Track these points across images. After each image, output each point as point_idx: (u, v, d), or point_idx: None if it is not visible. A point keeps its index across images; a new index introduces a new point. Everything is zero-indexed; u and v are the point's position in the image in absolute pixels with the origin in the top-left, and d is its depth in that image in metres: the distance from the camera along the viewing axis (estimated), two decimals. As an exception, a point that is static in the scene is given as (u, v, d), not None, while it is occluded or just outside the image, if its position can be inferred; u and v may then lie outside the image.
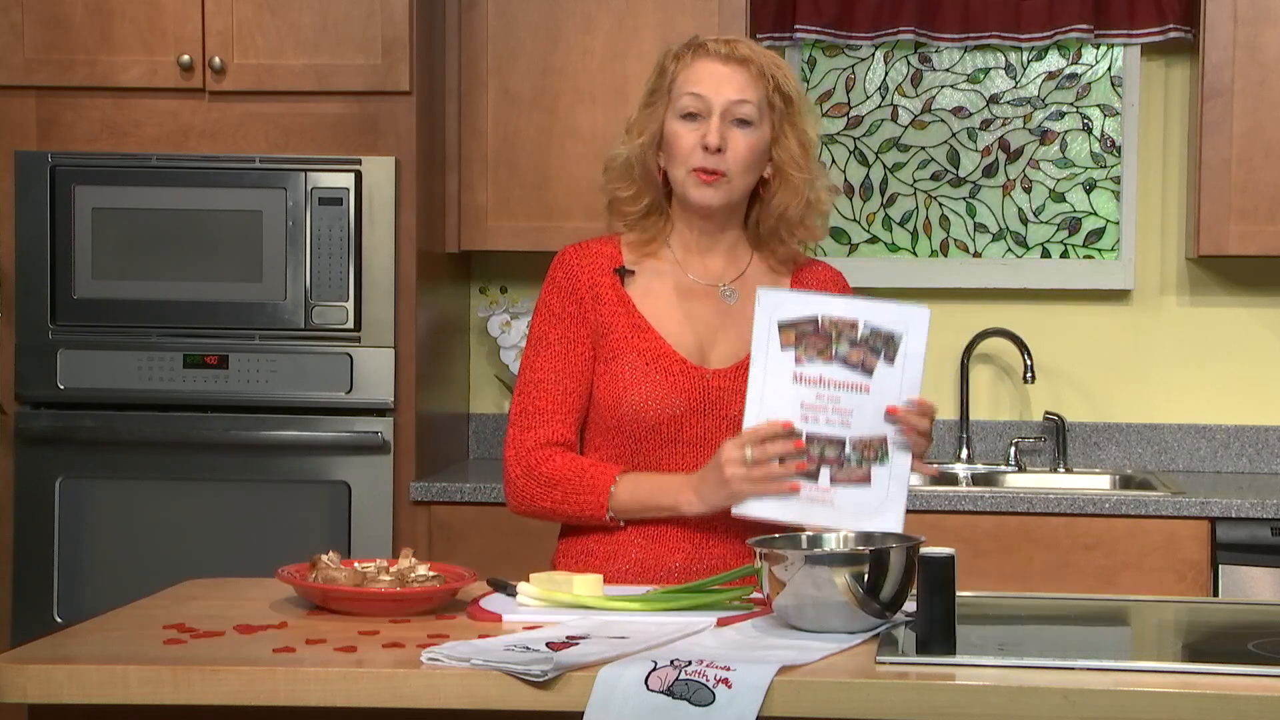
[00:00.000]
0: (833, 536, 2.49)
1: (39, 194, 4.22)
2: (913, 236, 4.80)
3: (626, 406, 2.78)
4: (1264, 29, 4.35)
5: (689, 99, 2.79)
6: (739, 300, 2.85)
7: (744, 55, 2.79)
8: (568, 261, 2.87)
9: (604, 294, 2.83)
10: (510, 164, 4.48)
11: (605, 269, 2.85)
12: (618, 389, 2.79)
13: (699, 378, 2.79)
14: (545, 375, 2.82)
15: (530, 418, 2.81)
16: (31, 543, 4.24)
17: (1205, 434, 4.69)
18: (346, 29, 4.23)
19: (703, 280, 2.86)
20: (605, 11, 4.46)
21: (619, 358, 2.80)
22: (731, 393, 2.78)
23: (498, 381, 4.81)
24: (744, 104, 2.78)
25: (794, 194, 2.83)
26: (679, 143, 2.79)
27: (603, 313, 2.82)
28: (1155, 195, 4.72)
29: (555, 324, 2.84)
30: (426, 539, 4.24)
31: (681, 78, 2.81)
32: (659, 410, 2.77)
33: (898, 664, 2.18)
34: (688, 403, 2.78)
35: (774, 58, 2.83)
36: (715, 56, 2.80)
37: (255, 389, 4.21)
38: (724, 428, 2.78)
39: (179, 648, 2.26)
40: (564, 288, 2.85)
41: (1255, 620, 2.56)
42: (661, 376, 2.78)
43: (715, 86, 2.78)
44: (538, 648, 2.21)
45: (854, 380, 2.62)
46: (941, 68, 4.77)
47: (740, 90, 2.78)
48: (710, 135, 2.76)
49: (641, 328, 2.81)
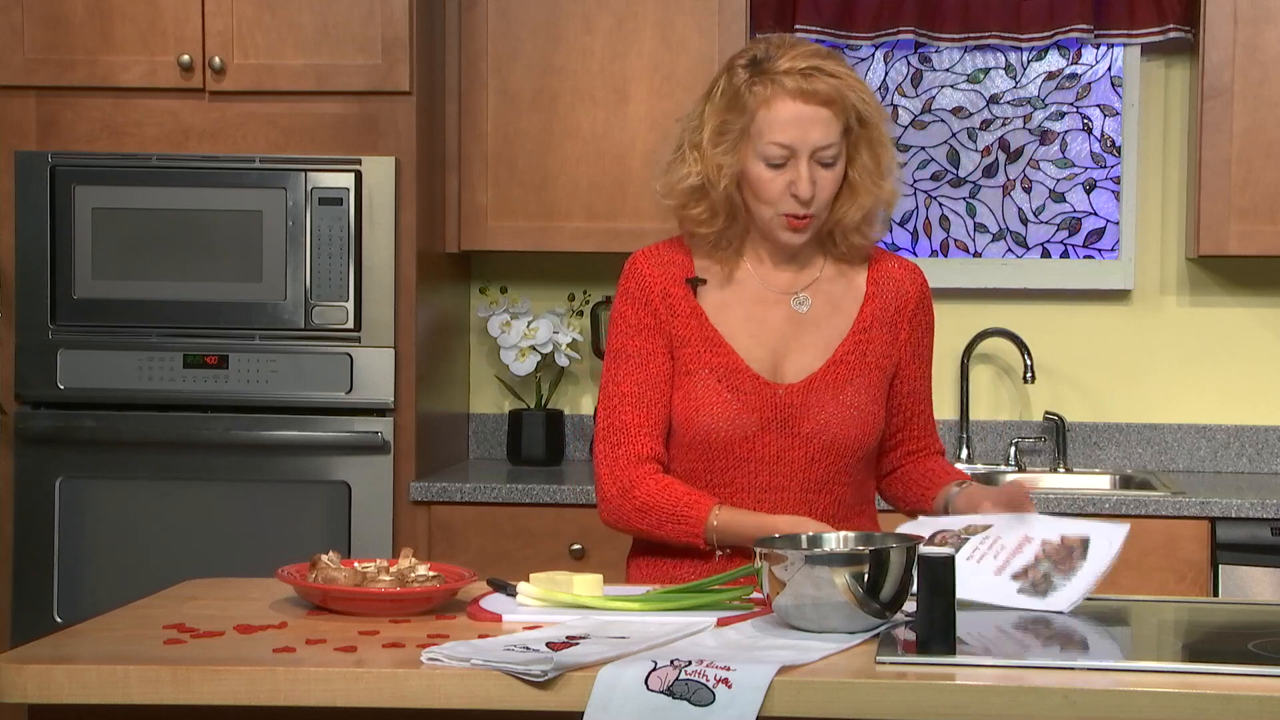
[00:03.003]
0: (833, 536, 2.49)
1: (39, 194, 4.22)
2: (913, 236, 4.80)
3: (700, 425, 2.78)
4: (1264, 29, 4.35)
5: (775, 149, 2.73)
6: (811, 308, 2.84)
7: (825, 96, 2.71)
8: (639, 270, 2.85)
9: (677, 305, 2.82)
10: (510, 164, 4.48)
11: (677, 278, 2.84)
12: (691, 407, 2.78)
13: (771, 394, 2.78)
14: (629, 389, 2.81)
15: (619, 434, 2.80)
16: (31, 543, 4.24)
17: (1205, 434, 4.69)
18: (346, 29, 4.23)
19: (774, 289, 2.85)
20: (605, 11, 4.46)
21: (693, 374, 2.79)
22: (803, 408, 2.78)
23: (498, 381, 4.81)
24: (829, 148, 2.74)
25: (857, 206, 2.81)
26: (768, 188, 2.75)
27: (677, 325, 2.82)
28: (1155, 195, 4.72)
29: (633, 336, 2.82)
30: (426, 539, 4.24)
31: (763, 118, 2.73)
32: (732, 430, 2.78)
33: (898, 664, 2.18)
34: (760, 421, 2.78)
35: (852, 82, 2.75)
36: (796, 95, 2.71)
37: (255, 389, 4.21)
38: (796, 445, 2.78)
39: (179, 648, 2.26)
40: (638, 299, 2.83)
41: (1255, 620, 2.55)
42: (734, 395, 2.77)
43: (801, 133, 2.72)
44: (538, 648, 2.21)
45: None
46: (941, 68, 4.77)
47: (826, 134, 2.73)
48: (802, 186, 2.72)
49: (715, 342, 2.80)
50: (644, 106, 4.45)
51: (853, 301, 2.87)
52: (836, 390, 2.80)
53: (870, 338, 2.85)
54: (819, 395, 2.79)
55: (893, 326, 2.87)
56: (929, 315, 2.93)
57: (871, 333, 2.85)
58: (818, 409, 2.78)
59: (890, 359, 2.86)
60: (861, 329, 2.85)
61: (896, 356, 2.87)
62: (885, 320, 2.87)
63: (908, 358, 2.89)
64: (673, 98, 4.42)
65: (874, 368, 2.84)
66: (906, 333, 2.88)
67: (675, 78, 4.44)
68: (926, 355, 2.93)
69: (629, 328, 2.83)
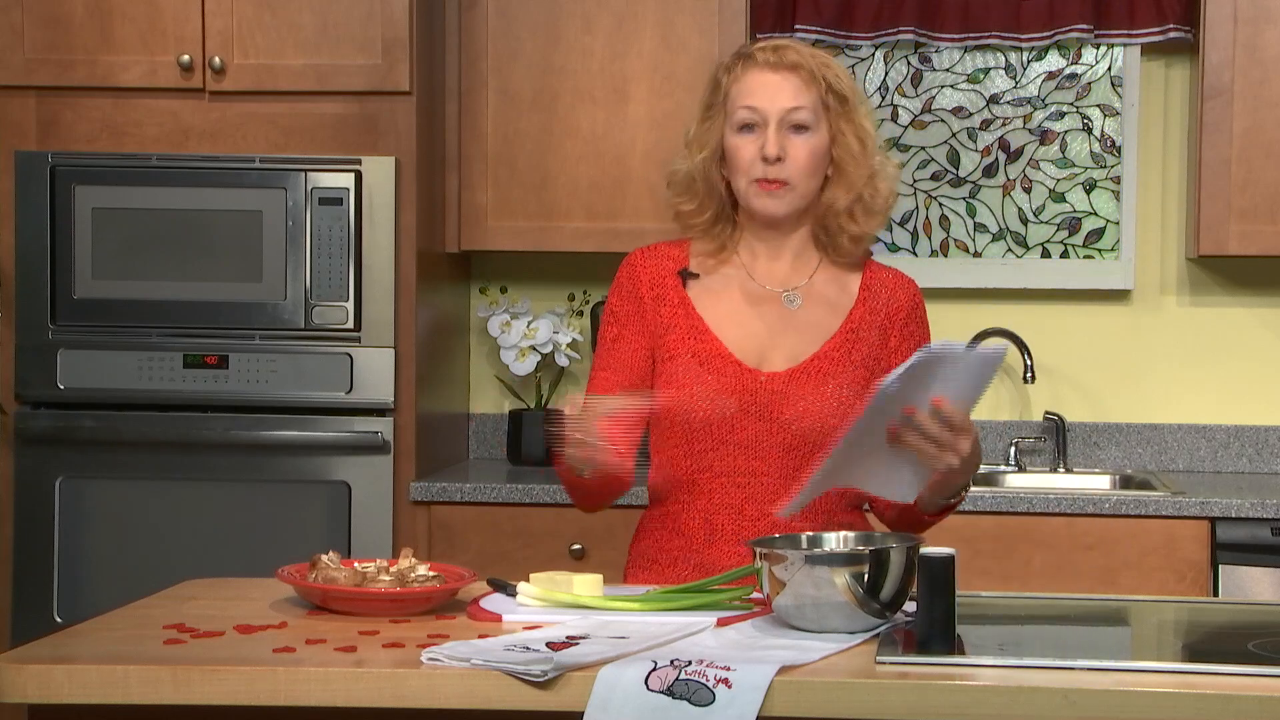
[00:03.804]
0: (833, 536, 2.49)
1: (39, 194, 4.22)
2: (913, 236, 4.80)
3: (680, 407, 2.80)
4: (1264, 29, 4.35)
5: (744, 112, 2.81)
6: (801, 306, 2.87)
7: (793, 61, 2.82)
8: (632, 263, 2.92)
9: (666, 295, 2.87)
10: (510, 164, 4.48)
11: (670, 270, 2.89)
12: (671, 389, 2.81)
13: (752, 379, 2.80)
14: (596, 373, 2.89)
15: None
16: (31, 543, 4.24)
17: (1205, 434, 4.69)
18: (346, 29, 4.23)
19: (768, 285, 2.88)
20: (605, 11, 4.46)
21: (674, 358, 2.83)
22: (784, 395, 2.80)
23: (498, 381, 4.81)
24: (799, 110, 2.80)
25: (847, 189, 2.85)
26: (739, 155, 2.82)
27: (663, 314, 2.86)
28: (1155, 195, 4.72)
29: (612, 323, 2.89)
30: (426, 539, 4.24)
31: (734, 90, 2.83)
32: (710, 410, 2.79)
33: (898, 664, 2.18)
34: (740, 404, 2.79)
35: (824, 58, 2.85)
36: (765, 66, 2.82)
37: (255, 389, 4.21)
38: (776, 430, 2.79)
39: (179, 648, 2.26)
40: (625, 289, 2.90)
41: (1255, 620, 2.56)
42: (714, 377, 2.80)
43: (769, 96, 2.81)
44: (538, 648, 2.21)
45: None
46: (941, 68, 4.77)
47: (794, 97, 2.81)
48: (769, 145, 2.79)
49: (699, 330, 2.83)
50: (644, 106, 4.45)
51: (844, 304, 2.89)
52: (819, 382, 2.81)
53: (859, 338, 2.86)
54: (800, 385, 2.80)
55: (883, 331, 2.88)
56: (921, 327, 2.93)
57: (860, 334, 2.86)
58: (798, 397, 2.79)
59: (878, 362, 2.86)
60: (850, 329, 2.86)
61: (885, 362, 2.87)
62: (875, 324, 2.88)
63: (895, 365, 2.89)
64: (673, 98, 4.42)
65: (860, 366, 2.84)
66: (896, 340, 2.89)
67: (675, 78, 4.44)
68: None
69: (611, 315, 2.90)
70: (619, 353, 2.86)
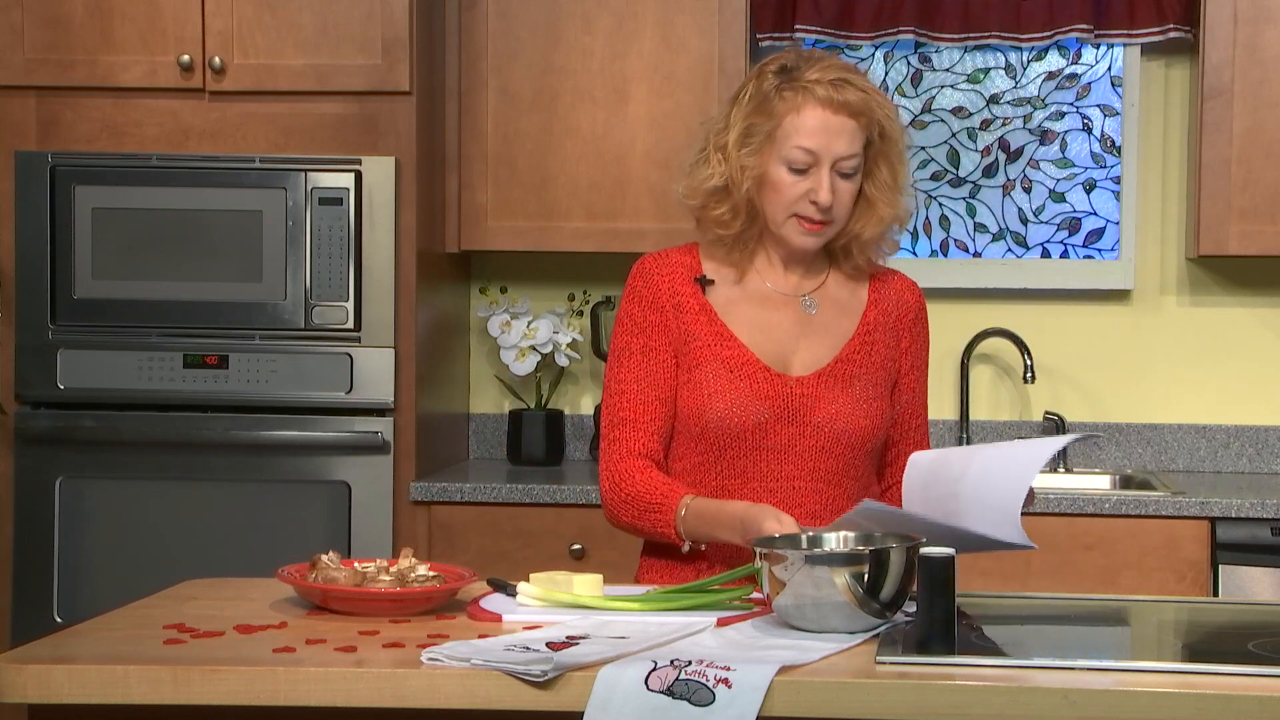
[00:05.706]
0: (833, 536, 2.49)
1: (39, 194, 4.22)
2: (913, 236, 4.80)
3: (711, 414, 2.78)
4: (1264, 29, 4.35)
5: (799, 153, 2.76)
6: (818, 310, 2.87)
7: (854, 106, 2.76)
8: (647, 271, 2.87)
9: (685, 303, 2.84)
10: (510, 164, 4.48)
11: (685, 278, 2.86)
12: (701, 397, 2.79)
13: (782, 385, 2.80)
14: (629, 386, 2.82)
15: (617, 429, 2.81)
16: (31, 543, 4.24)
17: (1205, 434, 4.69)
18: (346, 29, 4.23)
19: (782, 290, 2.88)
20: (605, 11, 4.46)
21: (702, 366, 2.80)
22: (814, 399, 2.80)
23: (498, 381, 4.81)
24: (851, 158, 2.78)
25: (875, 221, 2.85)
26: (784, 190, 2.78)
27: (685, 321, 2.83)
28: (1155, 195, 4.72)
29: (637, 334, 2.84)
30: (426, 539, 4.24)
31: (790, 124, 2.76)
32: (743, 417, 2.78)
33: (898, 664, 2.18)
34: (771, 409, 2.79)
35: (878, 97, 2.80)
36: (824, 104, 2.75)
37: (255, 389, 4.21)
38: (807, 434, 2.79)
39: (179, 648, 2.26)
40: (645, 298, 2.85)
41: (1255, 620, 2.56)
42: (745, 384, 2.79)
43: (826, 142, 2.76)
44: (538, 648, 2.21)
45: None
46: (941, 68, 4.77)
47: (849, 145, 2.77)
48: (823, 193, 2.76)
49: (724, 336, 2.82)
50: (644, 106, 4.45)
51: (856, 307, 2.91)
52: (846, 384, 2.82)
53: (875, 340, 2.88)
54: (829, 388, 2.81)
55: (895, 332, 2.90)
56: (925, 329, 2.97)
57: (876, 336, 2.88)
58: (829, 400, 2.80)
59: (894, 363, 2.89)
60: (866, 331, 2.88)
61: (898, 363, 2.89)
62: (888, 326, 2.90)
63: (907, 368, 2.92)
64: (673, 98, 4.43)
65: (879, 368, 2.87)
66: (908, 341, 2.92)
67: (675, 78, 4.44)
68: (923, 368, 2.96)
69: (634, 326, 2.85)
70: (651, 365, 2.82)
